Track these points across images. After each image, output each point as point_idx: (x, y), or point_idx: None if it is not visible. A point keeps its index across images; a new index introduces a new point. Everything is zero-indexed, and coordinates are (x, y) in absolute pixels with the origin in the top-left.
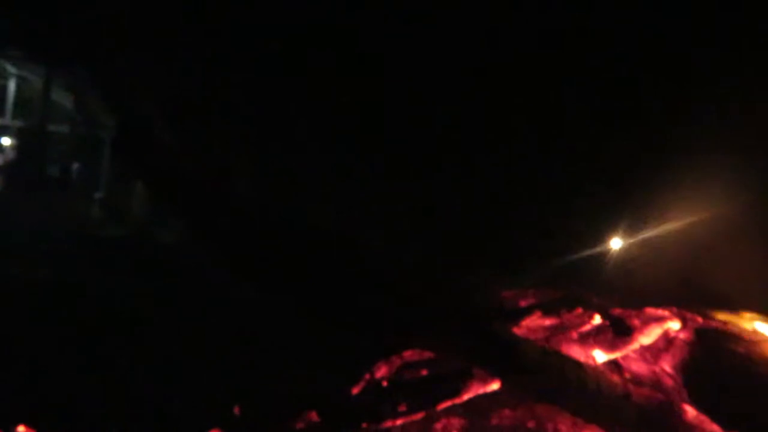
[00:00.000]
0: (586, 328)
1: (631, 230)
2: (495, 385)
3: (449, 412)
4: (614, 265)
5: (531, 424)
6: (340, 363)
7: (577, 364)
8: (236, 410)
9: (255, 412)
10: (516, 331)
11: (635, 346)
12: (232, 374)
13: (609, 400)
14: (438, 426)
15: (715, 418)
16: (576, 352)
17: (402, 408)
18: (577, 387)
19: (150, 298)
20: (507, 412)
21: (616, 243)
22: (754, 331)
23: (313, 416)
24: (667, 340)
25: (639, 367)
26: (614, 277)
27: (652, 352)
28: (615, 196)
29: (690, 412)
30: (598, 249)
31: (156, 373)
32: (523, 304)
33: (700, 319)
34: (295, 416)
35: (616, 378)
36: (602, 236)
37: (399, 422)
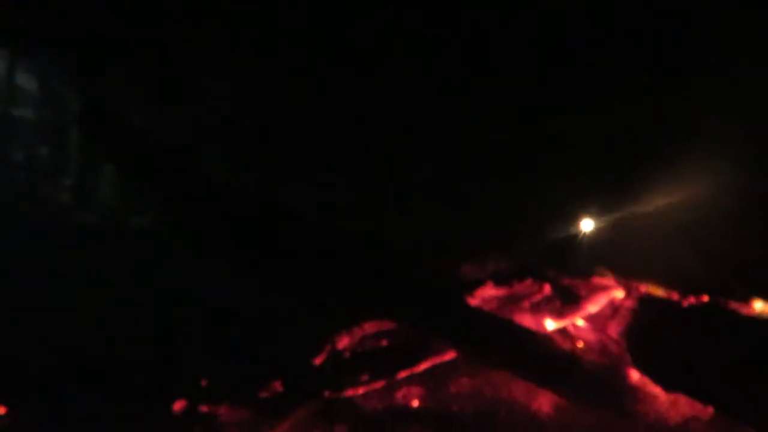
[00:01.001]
0: (537, 297)
1: (604, 211)
2: (451, 355)
3: (409, 381)
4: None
5: (488, 392)
6: (304, 335)
7: (529, 332)
8: (203, 382)
9: (221, 383)
10: (470, 301)
11: (583, 314)
12: (200, 349)
13: (559, 366)
14: (398, 395)
15: (657, 380)
16: (527, 320)
17: (363, 377)
18: (528, 354)
19: (122, 281)
20: (465, 380)
21: (587, 224)
22: (697, 300)
23: (278, 386)
24: (613, 308)
25: (587, 335)
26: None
27: (599, 320)
28: (588, 178)
29: (634, 375)
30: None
31: (125, 349)
32: (477, 276)
33: (643, 288)
34: (261, 386)
35: (565, 345)
36: (574, 218)
37: (361, 391)
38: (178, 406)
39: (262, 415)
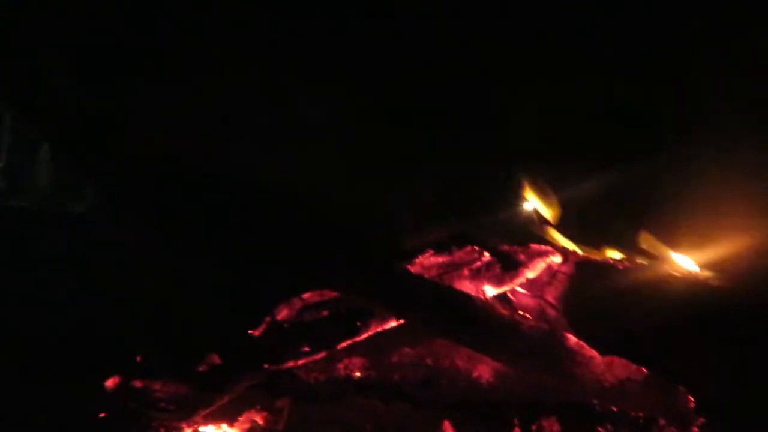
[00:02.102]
0: (477, 264)
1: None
2: (393, 323)
3: (351, 351)
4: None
5: (429, 361)
6: (242, 306)
7: (469, 298)
8: (138, 358)
9: (156, 358)
10: (411, 269)
11: (522, 280)
12: (135, 324)
13: (499, 332)
14: (340, 366)
15: (593, 344)
16: (467, 287)
17: (304, 349)
18: (469, 321)
19: (58, 265)
20: (407, 349)
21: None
22: (635, 261)
23: (215, 359)
24: (551, 273)
25: (526, 300)
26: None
27: (537, 286)
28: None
29: (571, 339)
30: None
31: (60, 326)
32: (417, 243)
33: (580, 253)
34: (197, 360)
35: (504, 311)
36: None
37: (301, 363)
38: (111, 382)
39: (200, 389)
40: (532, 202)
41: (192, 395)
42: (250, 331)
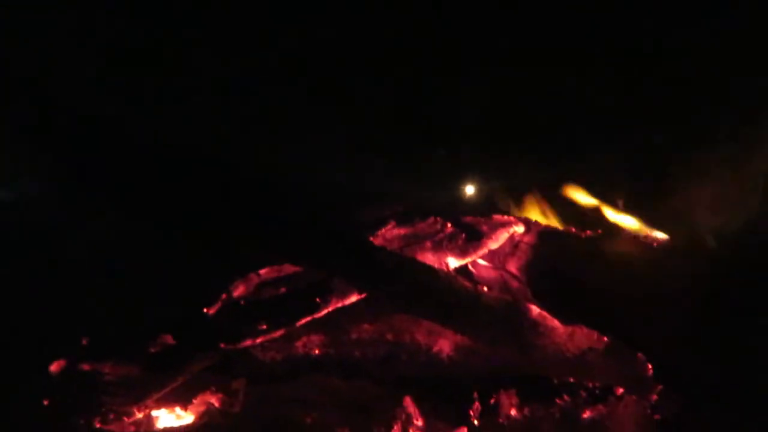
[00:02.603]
0: (439, 236)
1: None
2: (353, 298)
3: (309, 329)
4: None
5: (389, 336)
6: (195, 284)
7: (432, 271)
8: (84, 341)
9: (105, 340)
10: (373, 241)
11: (485, 251)
12: (81, 305)
13: (462, 304)
14: (299, 344)
15: (557, 313)
16: (430, 259)
17: (262, 327)
18: (431, 293)
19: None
20: (366, 326)
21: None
22: (595, 230)
23: (168, 339)
24: (513, 244)
25: (487, 272)
26: None
27: (499, 257)
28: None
29: (534, 310)
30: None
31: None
32: (378, 216)
33: (542, 223)
34: (149, 340)
35: (467, 283)
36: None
37: (259, 341)
38: (56, 366)
39: (152, 371)
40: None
41: (144, 378)
42: (204, 310)
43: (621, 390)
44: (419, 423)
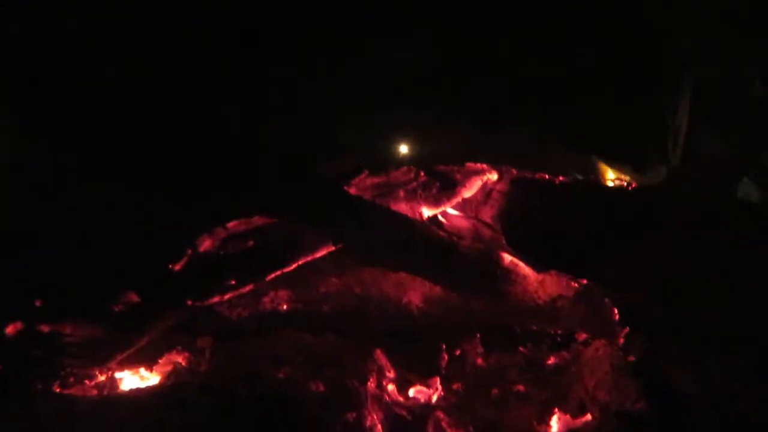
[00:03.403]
0: (413, 185)
1: None
2: (325, 251)
3: (276, 284)
4: None
5: (358, 290)
6: (160, 238)
7: (408, 220)
8: (37, 303)
9: (64, 300)
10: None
11: (458, 199)
12: (38, 262)
13: (438, 254)
14: (266, 300)
15: (532, 260)
16: (403, 209)
17: (230, 282)
18: (409, 243)
19: None
20: (333, 280)
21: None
22: (565, 180)
23: (132, 297)
24: (485, 193)
25: (459, 222)
26: None
27: (471, 206)
28: None
29: (506, 258)
30: None
31: None
32: (352, 164)
33: (514, 171)
34: (112, 298)
35: (442, 232)
36: None
37: (227, 297)
38: (12, 329)
39: (116, 331)
40: None
41: (107, 338)
42: (170, 265)
43: (583, 336)
44: (391, 375)
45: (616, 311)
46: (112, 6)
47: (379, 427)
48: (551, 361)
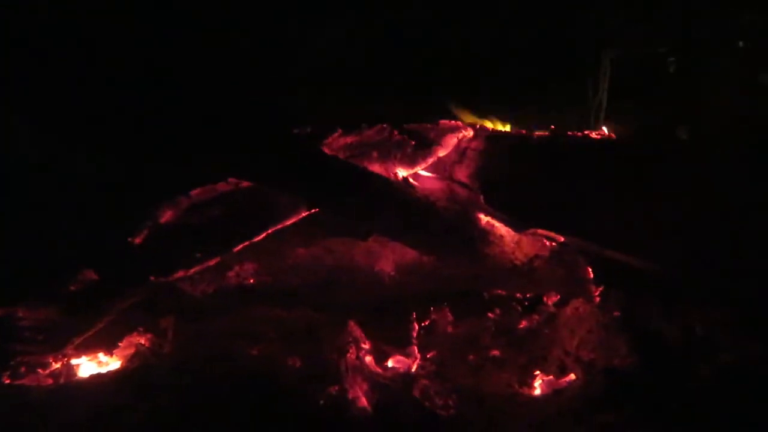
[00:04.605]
0: (387, 144)
1: None
2: (296, 217)
3: (241, 257)
4: None
5: (328, 261)
6: (117, 210)
7: (385, 180)
8: None
9: (12, 282)
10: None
11: (434, 158)
12: None
13: (416, 213)
14: (231, 274)
15: (509, 220)
16: (378, 169)
17: (195, 255)
18: (387, 205)
19: None
20: (301, 251)
21: None
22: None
23: (90, 275)
24: (459, 152)
25: (431, 183)
26: None
27: (445, 167)
28: None
29: (482, 219)
30: None
31: None
32: (325, 123)
33: (489, 128)
34: (68, 277)
35: (417, 193)
36: None
37: (192, 272)
38: None
39: (74, 312)
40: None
41: (64, 321)
42: (129, 239)
43: (554, 298)
44: (367, 346)
45: (590, 270)
46: None
47: (364, 399)
48: (523, 324)
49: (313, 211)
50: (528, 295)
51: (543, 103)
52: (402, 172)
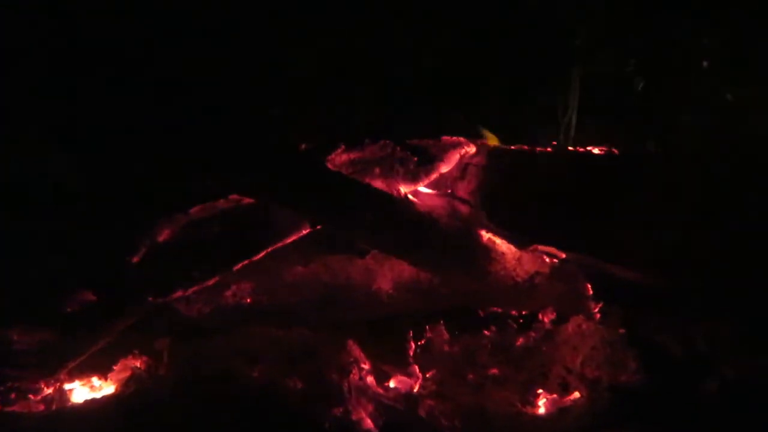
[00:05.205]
0: (389, 161)
1: None
2: (294, 237)
3: (238, 276)
4: None
5: (326, 278)
6: (115, 229)
7: (391, 198)
8: None
9: (6, 304)
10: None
11: (436, 174)
12: None
13: (419, 232)
14: (227, 294)
15: (514, 234)
16: (380, 186)
17: (193, 274)
18: (391, 222)
19: None
20: (299, 269)
21: None
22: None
23: (87, 296)
24: (461, 168)
25: (432, 200)
26: None
27: (446, 182)
28: None
29: (484, 236)
30: None
31: None
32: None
33: (492, 144)
34: (64, 298)
35: (419, 209)
36: None
37: (191, 291)
38: None
39: (69, 334)
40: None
41: (59, 343)
42: (127, 258)
43: (551, 315)
44: (367, 367)
45: (589, 286)
46: None
47: (368, 420)
48: (520, 342)
49: (315, 228)
50: (524, 313)
51: (513, 122)
52: (404, 189)
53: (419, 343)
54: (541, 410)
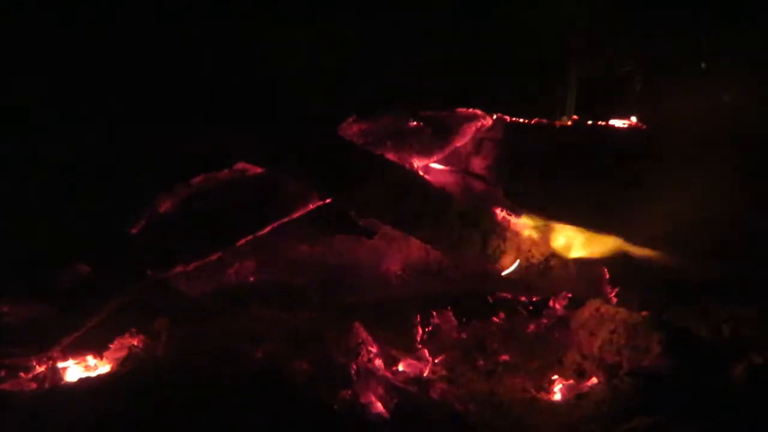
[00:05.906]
0: (402, 133)
1: None
2: (302, 211)
3: (241, 254)
4: None
5: (331, 258)
6: (112, 198)
7: (405, 171)
8: None
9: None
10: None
11: (451, 148)
12: None
13: (434, 205)
14: (230, 272)
15: (530, 212)
16: (393, 158)
17: (195, 247)
18: (404, 197)
19: None
20: (304, 247)
21: None
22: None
23: (83, 268)
24: (476, 142)
25: (444, 177)
26: None
27: (459, 158)
28: None
29: (499, 214)
30: None
31: None
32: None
33: (507, 118)
34: (59, 270)
35: (434, 184)
36: None
37: (192, 267)
38: None
39: (65, 309)
40: None
41: (54, 319)
42: (125, 230)
43: (562, 301)
44: (374, 350)
45: (605, 270)
46: None
47: (378, 403)
48: (531, 328)
49: (324, 202)
50: (534, 299)
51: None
52: (417, 162)
53: (427, 329)
54: (557, 396)
